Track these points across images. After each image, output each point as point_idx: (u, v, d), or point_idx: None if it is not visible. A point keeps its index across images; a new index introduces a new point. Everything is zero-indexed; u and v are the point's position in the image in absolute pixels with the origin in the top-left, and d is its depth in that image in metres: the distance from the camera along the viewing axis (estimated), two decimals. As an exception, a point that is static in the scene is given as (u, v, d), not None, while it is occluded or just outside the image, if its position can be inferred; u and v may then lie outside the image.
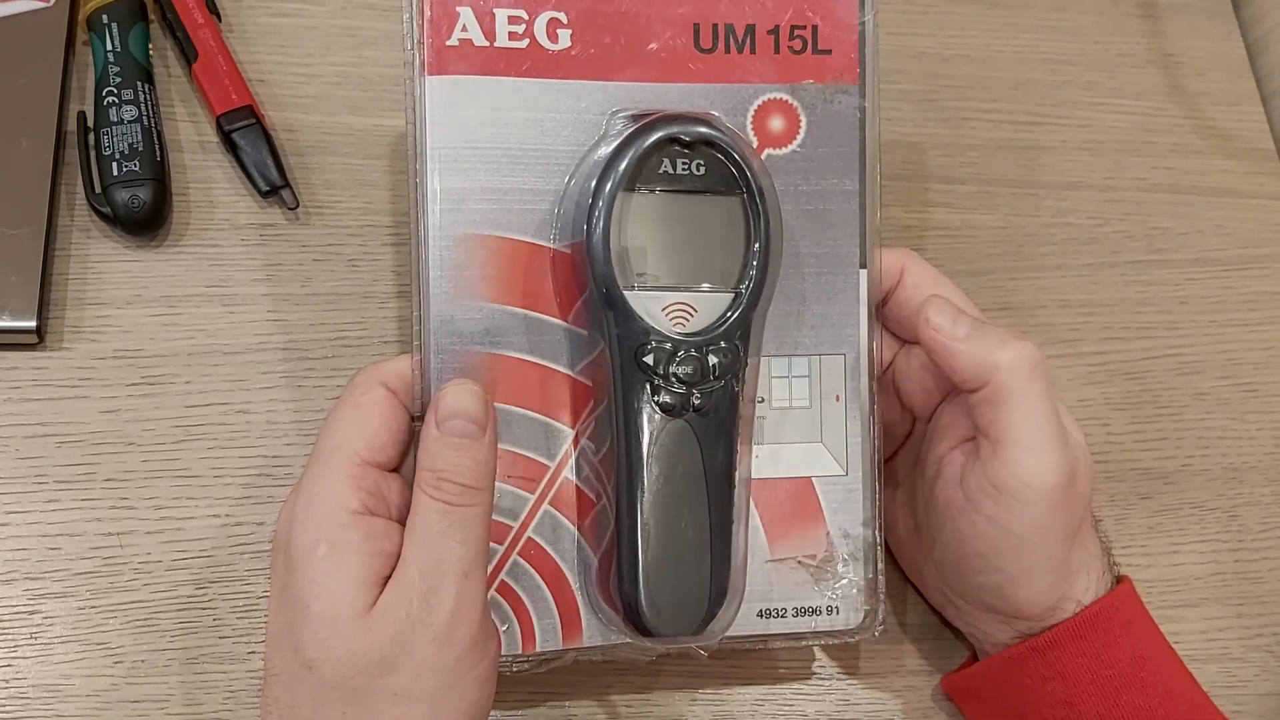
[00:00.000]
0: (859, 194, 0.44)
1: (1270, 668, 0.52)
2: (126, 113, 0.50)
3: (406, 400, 0.40)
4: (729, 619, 0.42)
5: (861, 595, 0.44)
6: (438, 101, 0.40)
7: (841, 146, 0.44)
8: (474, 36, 0.41)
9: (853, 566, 0.44)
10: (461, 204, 0.41)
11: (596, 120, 0.41)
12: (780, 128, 0.43)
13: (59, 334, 0.49)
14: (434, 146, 0.40)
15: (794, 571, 0.44)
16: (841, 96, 0.43)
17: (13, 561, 0.45)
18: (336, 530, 0.37)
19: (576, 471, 0.42)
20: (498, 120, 0.41)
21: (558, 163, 0.41)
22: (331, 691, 0.36)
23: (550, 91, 0.41)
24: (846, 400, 0.44)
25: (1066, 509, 0.41)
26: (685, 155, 0.40)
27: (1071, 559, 0.42)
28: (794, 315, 0.43)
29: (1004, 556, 0.41)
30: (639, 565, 0.40)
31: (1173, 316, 0.59)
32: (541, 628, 0.42)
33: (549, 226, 0.41)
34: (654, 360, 0.39)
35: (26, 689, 0.44)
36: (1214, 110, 0.64)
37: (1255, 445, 0.56)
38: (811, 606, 0.44)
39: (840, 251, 0.44)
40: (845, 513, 0.44)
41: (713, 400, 0.40)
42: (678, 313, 0.40)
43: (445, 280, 0.40)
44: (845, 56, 0.43)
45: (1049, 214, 0.60)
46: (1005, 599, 0.43)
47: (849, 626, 0.45)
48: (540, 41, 0.41)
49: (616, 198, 0.39)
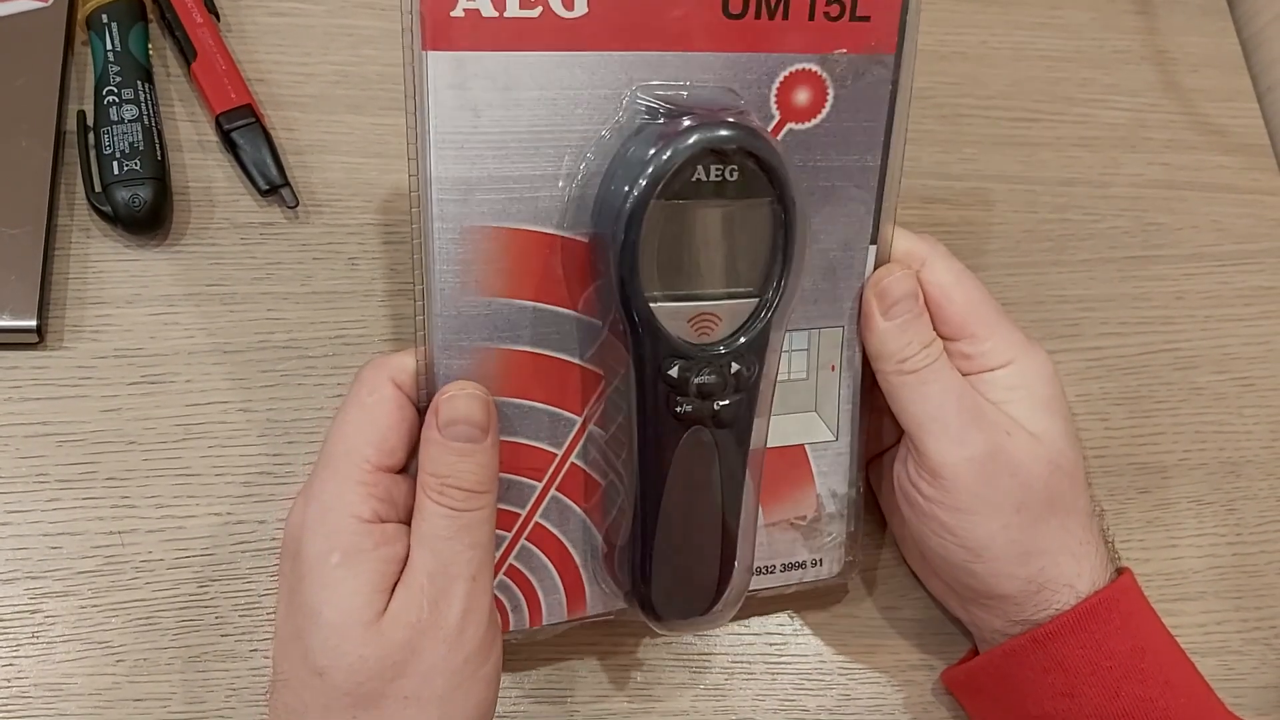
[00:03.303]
0: (879, 169, 0.43)
1: (1269, 660, 0.52)
2: (127, 112, 0.50)
3: (414, 396, 0.39)
4: (734, 601, 0.43)
5: (843, 547, 0.47)
6: (440, 81, 0.37)
7: (868, 121, 0.42)
8: (481, 7, 0.36)
9: (838, 523, 0.46)
10: (468, 194, 0.38)
11: (614, 96, 0.38)
12: (806, 101, 0.41)
13: (59, 333, 0.49)
14: (437, 131, 0.37)
15: (785, 532, 0.45)
16: (875, 68, 0.41)
17: (14, 560, 0.45)
18: (349, 538, 0.37)
19: (584, 455, 0.42)
20: (508, 101, 0.37)
21: (571, 145, 0.38)
22: (342, 697, 0.36)
23: (565, 66, 0.38)
24: (841, 370, 0.44)
25: (1003, 482, 0.42)
26: (719, 162, 0.37)
27: (1041, 536, 0.43)
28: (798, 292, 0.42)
29: (956, 532, 0.43)
30: (653, 562, 0.41)
31: (1169, 312, 0.59)
32: (548, 604, 0.43)
33: (562, 213, 0.39)
34: (678, 374, 0.38)
35: (29, 688, 0.44)
36: (1209, 106, 0.64)
37: (1252, 439, 0.56)
38: (798, 561, 0.46)
39: (852, 228, 0.43)
40: (834, 475, 0.45)
41: (732, 408, 0.40)
42: (703, 324, 0.39)
43: (451, 275, 0.38)
44: (885, 23, 0.41)
45: (1046, 210, 0.60)
46: (976, 576, 0.43)
47: (831, 575, 0.47)
48: (555, 9, 0.37)
49: (646, 211, 0.37)
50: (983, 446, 0.42)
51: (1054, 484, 0.43)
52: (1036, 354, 0.44)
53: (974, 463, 0.42)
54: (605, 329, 0.40)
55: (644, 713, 0.47)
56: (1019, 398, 0.43)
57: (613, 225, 0.37)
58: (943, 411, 0.42)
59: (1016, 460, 0.42)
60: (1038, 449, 0.43)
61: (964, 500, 0.42)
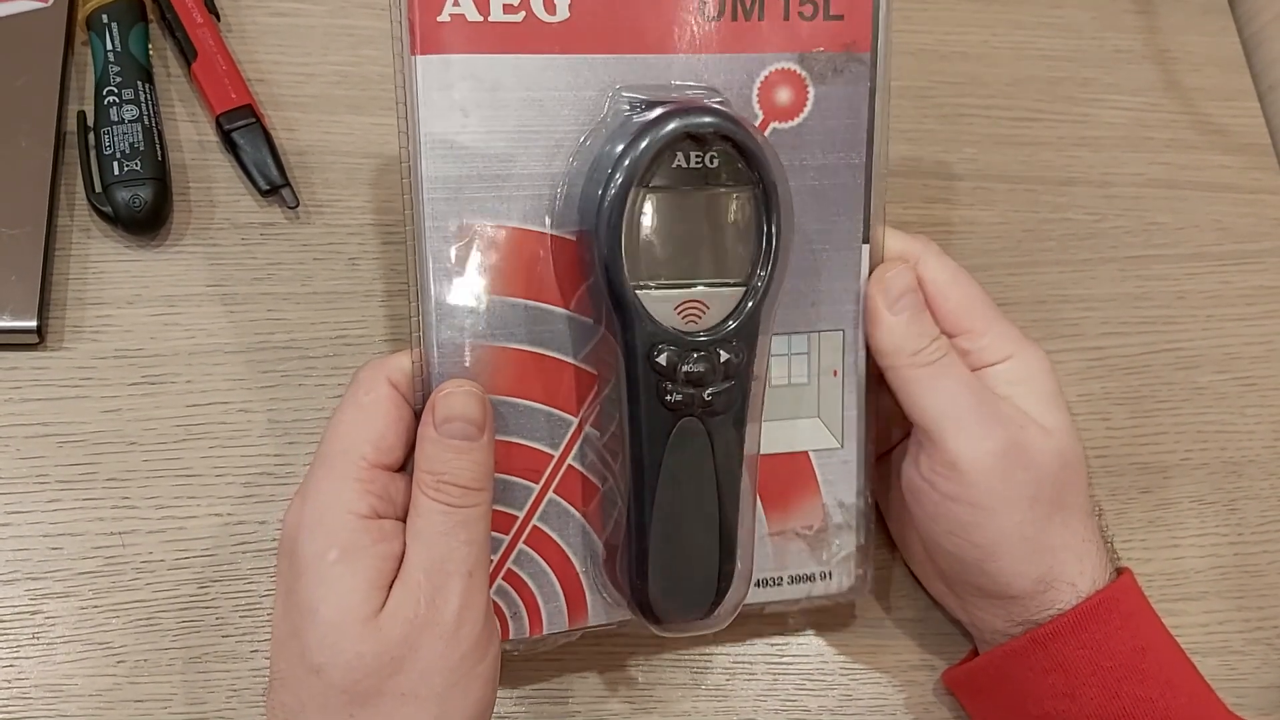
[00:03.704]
0: (865, 167, 0.43)
1: (1271, 660, 0.52)
2: (127, 112, 0.50)
3: (410, 396, 0.40)
4: (736, 602, 0.43)
5: (853, 560, 0.45)
6: (429, 83, 0.38)
7: (850, 118, 0.42)
8: (467, 11, 0.38)
9: (846, 534, 0.45)
10: (458, 192, 0.39)
11: (598, 98, 0.40)
12: (787, 100, 0.42)
13: (60, 334, 0.49)
14: (427, 132, 0.39)
15: (791, 542, 0.45)
16: (852, 65, 0.42)
17: (14, 561, 0.45)
18: (346, 535, 0.37)
19: (581, 458, 0.42)
20: (494, 101, 0.39)
21: (558, 145, 0.39)
22: (340, 695, 0.36)
23: (549, 68, 0.39)
24: (844, 375, 0.44)
25: (1020, 476, 0.42)
26: (698, 149, 0.38)
27: (1049, 533, 0.43)
28: (794, 293, 0.42)
29: (971, 531, 0.42)
30: (649, 559, 0.40)
31: (1171, 311, 0.59)
32: (548, 611, 0.42)
33: (550, 212, 0.40)
34: (667, 361, 0.39)
35: (29, 689, 0.44)
36: (1210, 105, 0.64)
37: (1254, 439, 0.56)
38: (806, 574, 0.45)
39: (844, 227, 0.43)
40: (841, 484, 0.45)
41: (724, 397, 0.39)
42: (690, 311, 0.39)
43: (443, 273, 0.39)
44: (858, 21, 0.42)
45: (1047, 209, 0.60)
46: (989, 575, 0.43)
47: (841, 589, 0.46)
48: (537, 13, 0.39)
49: (627, 198, 0.38)
50: (1002, 440, 0.42)
51: (1063, 478, 0.43)
52: (1034, 349, 0.44)
53: (994, 456, 0.41)
54: (600, 328, 0.40)
55: (645, 713, 0.47)
56: (1023, 392, 0.43)
57: (596, 215, 0.38)
58: (960, 405, 0.42)
59: (1031, 454, 0.42)
60: (1049, 442, 0.42)
61: (982, 495, 0.42)
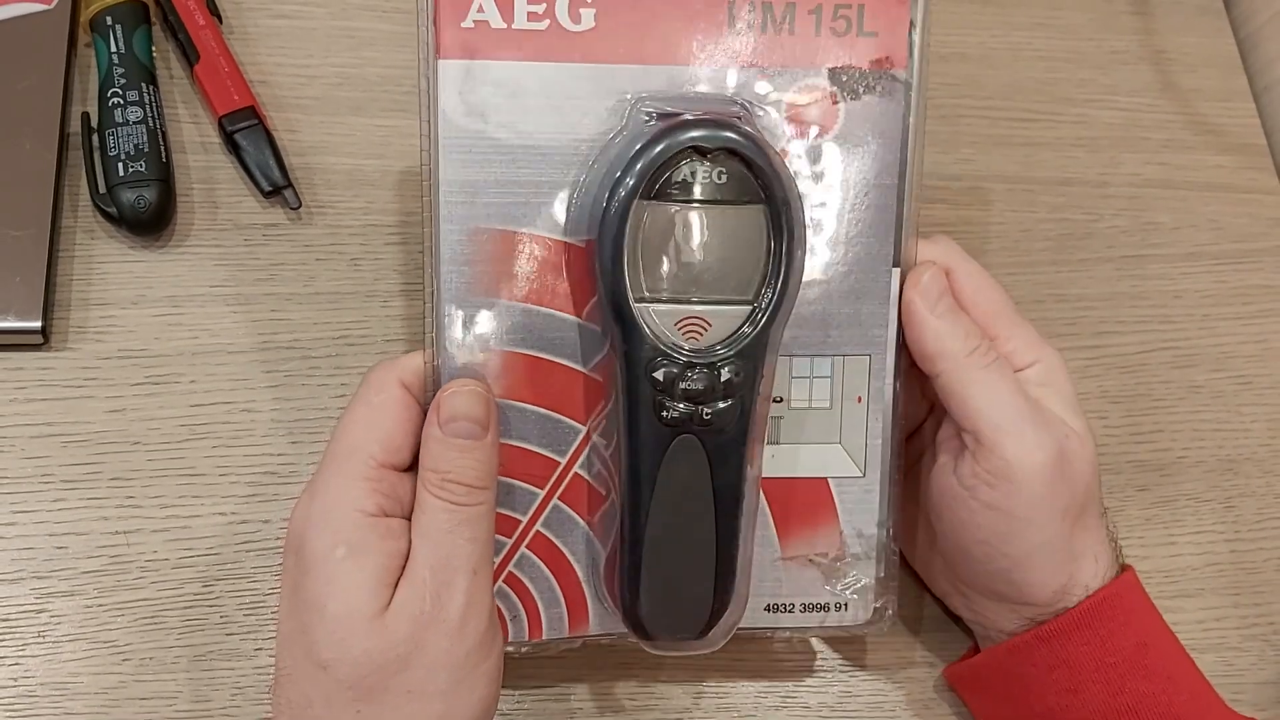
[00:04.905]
0: (897, 188, 0.41)
1: (1267, 656, 0.52)
2: (131, 114, 0.50)
3: (421, 397, 0.40)
4: (732, 624, 0.42)
5: (871, 592, 0.44)
6: (451, 87, 0.38)
7: (882, 138, 0.41)
8: (491, 18, 0.38)
9: (865, 565, 0.44)
10: (475, 197, 0.39)
11: (619, 107, 0.39)
12: (817, 116, 0.40)
13: (64, 334, 0.49)
14: (446, 135, 0.38)
15: (804, 569, 0.44)
16: (885, 83, 0.40)
17: (20, 561, 0.45)
18: (354, 533, 0.37)
19: (588, 467, 0.41)
20: (515, 108, 0.39)
21: (577, 153, 0.39)
22: (346, 691, 0.36)
23: (572, 76, 0.39)
24: (869, 402, 0.43)
25: (1063, 486, 0.41)
26: (706, 163, 0.37)
27: (1075, 540, 0.42)
28: (819, 315, 0.41)
29: (1007, 541, 0.42)
30: (640, 575, 0.40)
31: (1167, 310, 0.59)
32: (549, 617, 0.42)
33: (566, 219, 0.39)
34: (664, 377, 0.38)
35: (35, 687, 0.44)
36: (1206, 106, 0.64)
37: (1250, 437, 0.57)
38: (820, 603, 0.44)
39: (872, 249, 0.41)
40: (861, 513, 0.43)
41: (723, 416, 0.39)
42: (691, 327, 0.38)
43: (458, 276, 0.39)
44: (893, 39, 0.40)
45: (1044, 210, 0.60)
46: (1014, 584, 0.43)
47: (857, 622, 0.44)
48: (562, 22, 0.38)
49: (630, 208, 0.37)
50: (1052, 450, 0.41)
51: (1092, 485, 0.42)
52: (1054, 352, 0.44)
53: (1045, 467, 0.40)
54: (609, 339, 0.40)
55: (645, 710, 0.47)
56: (1050, 395, 0.43)
57: (600, 225, 0.38)
58: (1017, 411, 0.41)
59: (1073, 464, 0.41)
60: (1084, 449, 0.42)
61: (1024, 506, 0.41)
